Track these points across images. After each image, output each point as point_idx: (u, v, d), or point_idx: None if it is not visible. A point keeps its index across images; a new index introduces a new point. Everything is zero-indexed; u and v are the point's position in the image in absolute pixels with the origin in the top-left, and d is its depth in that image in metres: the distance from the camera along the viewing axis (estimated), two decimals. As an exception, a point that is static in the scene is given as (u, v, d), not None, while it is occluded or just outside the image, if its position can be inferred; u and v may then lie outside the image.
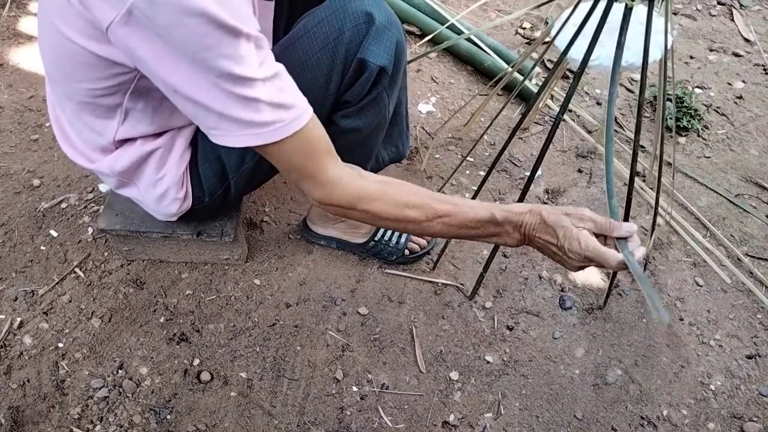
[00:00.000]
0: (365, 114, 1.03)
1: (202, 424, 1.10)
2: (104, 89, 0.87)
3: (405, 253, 1.34)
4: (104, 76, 0.84)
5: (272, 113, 0.77)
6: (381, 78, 0.98)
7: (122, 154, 1.00)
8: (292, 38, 0.99)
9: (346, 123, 1.04)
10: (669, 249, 1.45)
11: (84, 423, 1.08)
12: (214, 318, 1.24)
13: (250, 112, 0.76)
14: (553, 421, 1.16)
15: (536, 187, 1.55)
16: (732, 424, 1.18)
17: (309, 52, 0.96)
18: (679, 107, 1.73)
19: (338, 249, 1.37)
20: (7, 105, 1.57)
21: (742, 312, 1.35)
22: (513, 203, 0.87)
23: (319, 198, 0.86)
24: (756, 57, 2.01)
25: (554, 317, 1.31)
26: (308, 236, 1.37)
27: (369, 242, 1.33)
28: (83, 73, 0.84)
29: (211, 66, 0.72)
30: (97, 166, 1.03)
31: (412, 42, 1.90)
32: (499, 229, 0.85)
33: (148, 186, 1.05)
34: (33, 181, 1.42)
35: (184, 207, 1.09)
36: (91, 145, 1.01)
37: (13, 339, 1.17)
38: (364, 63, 0.95)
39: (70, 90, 0.90)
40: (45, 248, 1.31)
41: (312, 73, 0.97)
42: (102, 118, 0.94)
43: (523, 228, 0.84)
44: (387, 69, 0.96)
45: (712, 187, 1.59)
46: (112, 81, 0.85)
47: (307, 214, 1.36)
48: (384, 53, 0.95)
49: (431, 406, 1.16)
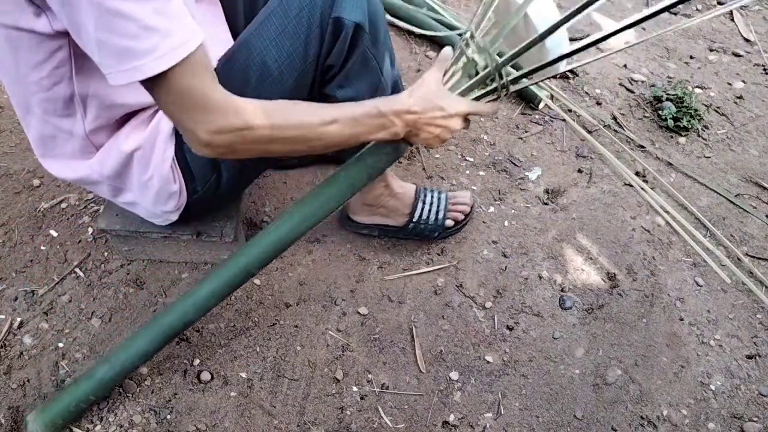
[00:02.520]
0: (358, 79, 1.03)
1: (202, 424, 1.10)
2: (49, 74, 0.87)
3: (447, 225, 1.35)
4: (42, 57, 0.84)
5: (145, 38, 0.72)
6: (359, 35, 0.98)
7: (106, 156, 1.00)
8: (266, 13, 0.99)
9: (342, 93, 1.04)
10: (669, 249, 1.45)
11: (84, 423, 1.08)
12: (214, 318, 1.24)
13: (127, 39, 0.71)
14: (553, 421, 1.16)
15: (536, 187, 1.55)
16: (732, 424, 1.18)
17: (285, 21, 0.96)
18: (679, 107, 1.73)
19: (380, 236, 1.38)
20: (7, 105, 1.58)
21: (742, 312, 1.35)
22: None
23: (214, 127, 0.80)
24: (756, 57, 2.01)
25: (554, 317, 1.31)
26: (350, 227, 1.38)
27: (409, 224, 1.34)
28: (25, 59, 0.85)
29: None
30: (86, 174, 1.02)
31: (411, 41, 1.90)
32: (384, 120, 0.91)
33: (141, 188, 1.05)
34: (33, 181, 1.42)
35: (180, 202, 1.09)
36: (70, 152, 1.00)
37: (13, 339, 1.17)
38: (339, 21, 0.95)
39: (25, 90, 0.90)
40: (45, 248, 1.31)
41: (291, 41, 0.97)
42: (66, 117, 0.94)
43: (405, 113, 0.91)
44: (363, 25, 0.96)
45: (712, 187, 1.59)
46: (51, 62, 0.85)
47: (348, 206, 1.36)
48: (356, 9, 0.95)
49: (431, 406, 1.16)
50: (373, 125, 0.91)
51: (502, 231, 1.44)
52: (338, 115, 0.88)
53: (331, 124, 0.87)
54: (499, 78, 0.93)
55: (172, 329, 1.05)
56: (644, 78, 1.88)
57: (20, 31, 0.81)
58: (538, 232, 1.45)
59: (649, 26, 2.07)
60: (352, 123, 0.89)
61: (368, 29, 0.98)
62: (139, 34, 0.71)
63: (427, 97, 0.93)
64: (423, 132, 0.95)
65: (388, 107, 0.90)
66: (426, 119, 0.93)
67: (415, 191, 1.35)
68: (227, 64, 1.00)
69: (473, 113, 0.96)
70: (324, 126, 0.87)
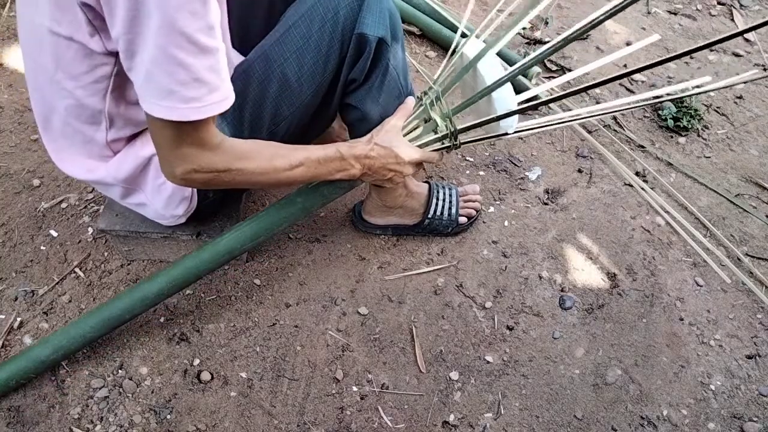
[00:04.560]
0: (381, 91, 1.05)
1: (202, 424, 1.10)
2: (86, 86, 0.88)
3: (460, 221, 1.37)
4: (84, 70, 0.85)
5: (192, 88, 0.76)
6: (382, 49, 0.99)
7: (123, 160, 1.00)
8: (287, 24, 0.99)
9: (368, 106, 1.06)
10: (669, 249, 1.45)
11: (84, 423, 1.08)
12: (214, 318, 1.24)
13: (176, 84, 0.75)
14: (553, 421, 1.16)
15: (536, 187, 1.55)
16: (732, 424, 1.18)
17: (307, 35, 0.97)
18: (679, 107, 1.73)
19: (394, 235, 1.39)
20: (7, 105, 1.58)
21: (742, 312, 1.35)
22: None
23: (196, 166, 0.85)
24: (756, 57, 2.01)
25: (554, 317, 1.31)
26: (363, 228, 1.39)
27: (423, 221, 1.35)
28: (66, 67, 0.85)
29: (171, 16, 0.69)
30: (99, 176, 1.02)
31: (411, 41, 1.90)
32: (344, 163, 1.00)
33: (154, 191, 1.05)
34: (33, 181, 1.42)
35: (191, 206, 1.10)
36: (87, 153, 1.00)
37: (13, 339, 1.17)
38: (363, 37, 0.96)
39: (56, 93, 0.90)
40: (45, 248, 1.31)
41: (312, 55, 0.98)
42: (90, 124, 0.95)
43: (364, 158, 1.01)
44: (386, 39, 0.98)
45: (712, 187, 1.59)
46: (91, 76, 0.86)
47: (363, 208, 1.37)
48: (380, 24, 0.96)
49: (431, 406, 1.16)
50: (333, 168, 1.00)
51: (502, 231, 1.44)
52: (304, 158, 0.96)
53: (298, 167, 0.96)
54: (454, 139, 1.06)
55: (115, 320, 1.09)
56: (644, 78, 1.88)
57: (71, 42, 0.82)
58: (538, 232, 1.45)
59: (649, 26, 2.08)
60: (316, 165, 0.98)
61: (390, 42, 0.99)
62: (188, 83, 0.75)
63: (384, 145, 1.02)
64: (377, 174, 1.05)
65: (349, 152, 1.00)
66: (381, 164, 1.03)
67: (428, 188, 1.37)
68: (245, 75, 1.00)
69: (424, 161, 1.08)
70: (291, 170, 0.95)
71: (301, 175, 0.97)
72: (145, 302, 1.09)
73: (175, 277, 1.09)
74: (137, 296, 1.09)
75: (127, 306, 1.08)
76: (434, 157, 1.09)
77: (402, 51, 1.09)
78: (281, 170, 0.94)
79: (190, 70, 0.75)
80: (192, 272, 1.10)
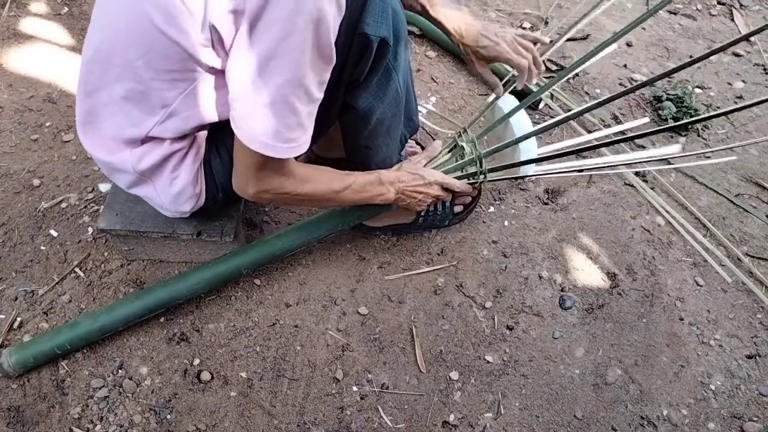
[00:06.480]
0: (379, 90, 1.05)
1: (202, 424, 1.10)
2: (164, 83, 0.90)
3: (457, 210, 1.39)
4: (174, 68, 0.87)
5: (295, 131, 0.85)
6: (384, 49, 0.99)
7: (149, 151, 1.00)
8: None
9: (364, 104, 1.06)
10: (669, 249, 1.45)
11: (84, 423, 1.08)
12: (214, 318, 1.24)
13: (281, 126, 0.83)
14: (553, 421, 1.16)
15: (536, 187, 1.55)
16: (732, 424, 1.18)
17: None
18: (679, 107, 1.73)
19: (394, 235, 1.40)
20: (7, 105, 1.58)
21: (742, 312, 1.35)
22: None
23: (268, 187, 0.95)
24: (756, 57, 2.01)
25: (554, 317, 1.31)
26: (363, 231, 1.39)
27: (418, 218, 1.37)
28: (156, 62, 0.87)
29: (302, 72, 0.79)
30: (117, 160, 1.01)
31: (411, 41, 1.90)
32: (383, 188, 1.14)
33: (165, 185, 1.05)
34: (33, 181, 1.42)
35: (198, 204, 1.10)
36: (119, 134, 0.99)
37: (13, 339, 1.17)
38: (365, 37, 0.96)
39: (123, 74, 0.90)
40: (45, 248, 1.31)
41: None
42: (143, 113, 0.95)
43: (397, 183, 1.15)
44: (388, 39, 0.98)
45: (712, 187, 1.59)
46: (177, 75, 0.88)
47: None
48: (382, 24, 0.96)
49: (431, 406, 1.16)
50: (374, 192, 1.13)
51: (502, 231, 1.44)
52: (353, 182, 1.09)
53: (345, 190, 1.08)
54: (479, 165, 1.22)
55: (160, 303, 1.17)
56: (644, 78, 1.88)
57: (175, 45, 0.83)
58: (538, 232, 1.45)
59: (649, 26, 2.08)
60: (360, 189, 1.10)
61: (392, 43, 0.99)
62: (293, 127, 0.85)
63: (412, 171, 1.19)
64: (408, 198, 1.19)
65: (386, 178, 1.14)
66: (411, 187, 1.17)
67: None
68: None
69: (447, 184, 1.22)
70: (341, 192, 1.08)
71: (348, 197, 1.09)
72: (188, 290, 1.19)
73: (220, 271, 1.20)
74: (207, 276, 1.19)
75: (171, 291, 1.18)
76: (457, 183, 1.23)
77: (405, 50, 1.08)
78: (334, 191, 1.06)
79: (299, 116, 0.84)
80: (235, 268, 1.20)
